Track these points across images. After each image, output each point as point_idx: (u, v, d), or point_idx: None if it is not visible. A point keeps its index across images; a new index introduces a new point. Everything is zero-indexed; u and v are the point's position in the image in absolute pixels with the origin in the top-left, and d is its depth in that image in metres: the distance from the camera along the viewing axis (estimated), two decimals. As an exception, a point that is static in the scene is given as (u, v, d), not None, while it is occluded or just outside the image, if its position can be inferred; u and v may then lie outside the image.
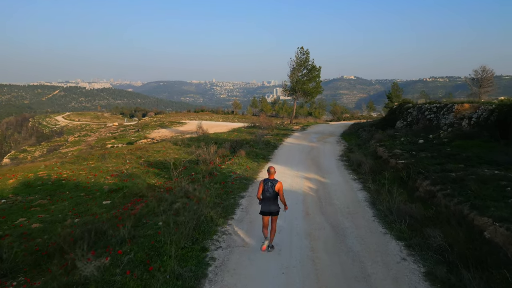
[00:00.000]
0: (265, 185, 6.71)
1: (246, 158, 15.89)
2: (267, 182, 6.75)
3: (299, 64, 38.75)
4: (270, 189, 6.67)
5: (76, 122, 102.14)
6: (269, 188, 6.68)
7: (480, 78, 39.30)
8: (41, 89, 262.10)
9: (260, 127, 35.49)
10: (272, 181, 6.75)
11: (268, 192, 6.68)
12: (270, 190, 6.67)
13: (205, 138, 27.79)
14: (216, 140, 25.48)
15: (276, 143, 22.41)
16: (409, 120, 22.35)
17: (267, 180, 6.79)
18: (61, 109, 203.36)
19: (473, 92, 42.60)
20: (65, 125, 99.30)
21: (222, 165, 14.88)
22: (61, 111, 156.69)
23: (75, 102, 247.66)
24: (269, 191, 6.67)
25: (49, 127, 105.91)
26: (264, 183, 6.76)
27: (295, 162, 15.76)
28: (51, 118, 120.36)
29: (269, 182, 6.74)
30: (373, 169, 12.93)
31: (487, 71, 40.42)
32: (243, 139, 25.04)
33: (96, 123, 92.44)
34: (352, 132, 29.47)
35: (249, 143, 21.69)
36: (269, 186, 6.70)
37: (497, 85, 45.66)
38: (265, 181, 6.79)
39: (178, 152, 21.52)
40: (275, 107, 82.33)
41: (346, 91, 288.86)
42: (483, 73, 39.96)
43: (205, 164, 15.48)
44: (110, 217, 8.83)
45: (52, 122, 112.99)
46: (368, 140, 20.94)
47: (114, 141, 42.67)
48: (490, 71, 40.33)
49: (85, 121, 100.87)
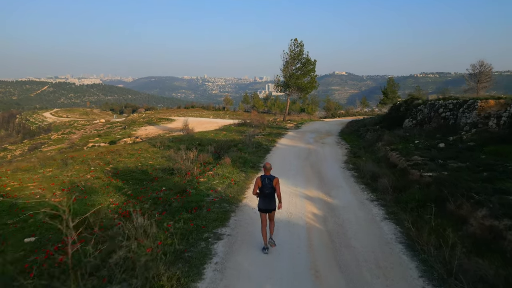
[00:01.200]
0: (263, 181, 6.42)
1: (232, 168, 12.75)
2: (264, 178, 6.44)
3: (293, 57, 35.57)
4: (269, 185, 6.38)
5: (64, 118, 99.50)
6: (268, 184, 6.38)
7: (478, 72, 38.14)
8: (30, 85, 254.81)
9: (251, 125, 32.47)
10: (269, 177, 6.46)
11: (267, 189, 6.39)
12: (269, 186, 6.38)
13: (189, 138, 24.63)
14: (201, 141, 22.35)
15: (268, 145, 19.33)
16: (419, 118, 19.42)
17: (264, 176, 6.49)
18: (50, 105, 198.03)
19: (471, 87, 41.64)
20: (52, 121, 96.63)
21: (202, 176, 11.76)
22: (50, 107, 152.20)
23: (65, 98, 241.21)
24: (267, 187, 6.38)
25: (36, 123, 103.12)
26: (261, 180, 6.45)
27: (292, 172, 12.69)
28: (38, 115, 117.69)
29: (266, 178, 6.43)
30: (394, 184, 9.93)
31: (485, 65, 39.46)
32: (231, 139, 21.94)
33: (84, 119, 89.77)
34: (352, 131, 26.52)
35: (237, 146, 18.59)
36: (267, 182, 6.40)
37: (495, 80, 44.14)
38: (262, 178, 6.48)
39: (155, 156, 18.30)
40: (267, 103, 79.32)
41: (338, 87, 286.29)
42: (481, 68, 39.28)
43: (181, 175, 12.33)
44: (19, 272, 5.67)
45: (40, 118, 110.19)
46: (374, 142, 17.99)
47: (98, 139, 39.67)
48: (488, 66, 39.37)
49: (74, 118, 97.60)
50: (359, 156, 15.62)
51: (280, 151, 17.66)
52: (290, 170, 12.98)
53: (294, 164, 14.29)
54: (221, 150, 16.84)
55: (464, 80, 51.87)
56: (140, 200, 9.88)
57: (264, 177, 6.45)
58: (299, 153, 17.09)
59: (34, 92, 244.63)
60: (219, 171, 12.19)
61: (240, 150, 16.67)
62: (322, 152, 17.22)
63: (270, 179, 6.40)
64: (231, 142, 20.47)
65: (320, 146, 19.60)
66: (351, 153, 16.90)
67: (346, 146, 19.47)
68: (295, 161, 14.98)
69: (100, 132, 48.30)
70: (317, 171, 13.04)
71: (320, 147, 19.22)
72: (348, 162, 14.52)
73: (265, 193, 6.41)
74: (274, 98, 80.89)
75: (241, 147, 17.74)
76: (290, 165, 14.03)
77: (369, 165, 12.62)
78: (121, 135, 40.33)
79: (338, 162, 14.67)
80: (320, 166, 13.94)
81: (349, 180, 11.52)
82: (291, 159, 15.31)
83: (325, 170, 13.16)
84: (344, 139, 22.17)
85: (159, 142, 21.71)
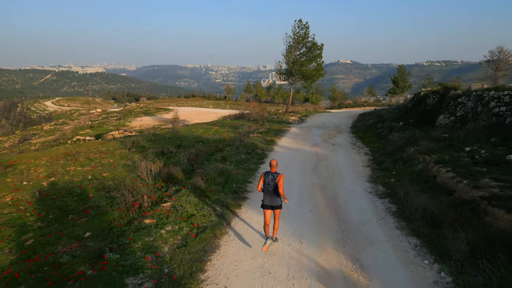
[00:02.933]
0: (266, 178, 6.00)
1: (201, 198, 8.25)
2: (268, 175, 6.01)
3: (297, 41, 30.57)
4: (271, 182, 5.94)
5: (65, 107, 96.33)
6: (270, 181, 5.95)
7: (497, 59, 33.81)
8: (33, 74, 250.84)
9: (249, 117, 27.97)
10: (273, 174, 6.01)
11: (269, 186, 5.96)
12: (271, 184, 5.95)
13: (173, 135, 20.21)
14: (184, 141, 17.93)
15: (264, 148, 14.83)
16: (459, 114, 14.75)
17: (268, 172, 6.06)
18: (53, 93, 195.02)
19: (488, 75, 38.01)
20: (54, 110, 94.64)
21: (152, 212, 7.34)
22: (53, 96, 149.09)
23: (68, 86, 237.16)
24: (270, 184, 5.95)
25: (37, 112, 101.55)
26: (265, 176, 6.03)
27: (293, 201, 8.16)
28: (40, 104, 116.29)
29: (270, 175, 6.00)
30: (472, 241, 5.43)
31: (505, 52, 35.53)
32: (219, 139, 17.47)
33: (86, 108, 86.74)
34: (366, 126, 21.87)
35: (224, 150, 14.11)
36: (270, 179, 5.96)
37: None
38: (266, 174, 6.05)
39: (117, 163, 13.85)
40: (270, 93, 74.85)
41: (342, 75, 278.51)
42: (500, 55, 35.36)
43: (125, 207, 7.88)
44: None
45: (41, 107, 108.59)
46: (403, 146, 13.40)
47: (89, 130, 36.18)
48: (508, 52, 35.36)
49: (75, 107, 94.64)
50: (387, 169, 11.10)
51: (279, 159, 13.12)
52: (291, 194, 8.43)
53: (297, 183, 9.77)
54: (199, 158, 12.35)
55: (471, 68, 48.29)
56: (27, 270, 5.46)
57: (268, 174, 6.02)
58: (303, 161, 12.57)
59: (37, 81, 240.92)
60: (181, 201, 7.73)
61: (225, 158, 12.16)
62: (334, 160, 12.67)
63: (274, 176, 5.95)
64: (219, 144, 16.01)
65: (331, 149, 15.05)
66: (375, 162, 12.36)
67: (365, 149, 14.91)
68: (298, 177, 10.48)
69: (94, 123, 44.51)
70: (331, 197, 8.53)
71: (331, 150, 14.68)
72: (375, 181, 9.95)
73: (267, 190, 5.97)
74: (277, 87, 76.41)
75: (227, 153, 13.23)
76: (290, 184, 9.51)
77: (408, 187, 8.12)
78: (114, 126, 36.95)
79: (360, 180, 10.14)
80: (335, 187, 9.43)
81: (387, 223, 6.95)
82: (293, 173, 10.80)
83: (343, 196, 8.63)
84: (360, 139, 17.58)
85: (131, 142, 17.27)
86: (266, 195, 6.02)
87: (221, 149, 14.03)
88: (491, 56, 34.61)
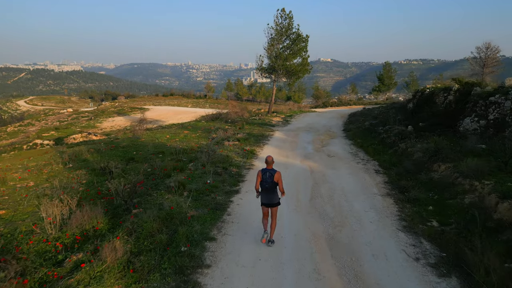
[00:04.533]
0: (263, 176, 5.65)
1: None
2: (265, 172, 5.67)
3: (280, 32, 26.73)
4: (269, 179, 5.60)
5: (39, 107, 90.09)
6: (268, 179, 5.60)
7: (484, 56, 32.03)
8: (6, 72, 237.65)
9: (227, 119, 24.08)
10: (270, 171, 5.66)
11: (267, 183, 5.61)
12: (269, 181, 5.60)
13: (130, 143, 16.06)
14: (140, 151, 13.89)
15: (241, 164, 10.96)
16: (492, 117, 11.28)
17: (265, 170, 5.71)
18: (27, 92, 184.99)
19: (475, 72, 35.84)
20: (26, 110, 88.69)
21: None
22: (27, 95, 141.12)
23: (43, 85, 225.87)
24: (267, 181, 5.61)
25: (9, 112, 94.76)
26: (262, 173, 5.69)
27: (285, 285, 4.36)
28: (12, 103, 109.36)
29: (267, 172, 5.65)
30: None
31: (492, 48, 33.52)
32: (186, 148, 13.51)
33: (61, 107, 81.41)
34: (363, 129, 18.32)
35: (185, 169, 10.15)
36: (267, 176, 5.61)
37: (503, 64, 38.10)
38: (263, 171, 5.71)
39: (38, 188, 9.67)
40: (252, 91, 71.12)
41: (323, 74, 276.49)
42: (487, 51, 33.03)
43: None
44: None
45: (13, 107, 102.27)
46: (426, 162, 9.79)
47: (53, 133, 31.48)
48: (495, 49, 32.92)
49: (49, 106, 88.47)
50: (418, 201, 7.41)
51: None
52: (280, 264, 4.55)
53: (288, 232, 5.97)
54: (148, 183, 8.34)
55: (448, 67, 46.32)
56: None
57: (265, 171, 5.68)
58: (295, 186, 8.74)
59: (11, 79, 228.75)
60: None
61: (182, 185, 8.17)
62: (338, 184, 8.90)
63: (271, 173, 5.62)
64: (182, 156, 12.03)
65: (328, 163, 11.30)
66: (394, 187, 8.62)
67: (372, 164, 11.20)
68: (289, 217, 6.67)
69: (61, 124, 39.78)
70: (353, 273, 4.75)
71: (329, 166, 10.92)
72: (412, 228, 6.14)
73: (265, 187, 5.63)
74: (259, 86, 72.89)
75: (189, 174, 9.26)
76: (280, 230, 5.67)
77: (488, 255, 4.48)
78: (82, 128, 32.32)
79: (387, 226, 6.36)
80: (351, 243, 5.63)
81: None
82: (280, 209, 6.96)
83: (372, 269, 4.83)
84: (361, 147, 13.89)
85: (67, 156, 13.07)
86: (263, 193, 5.72)
87: (181, 168, 10.03)
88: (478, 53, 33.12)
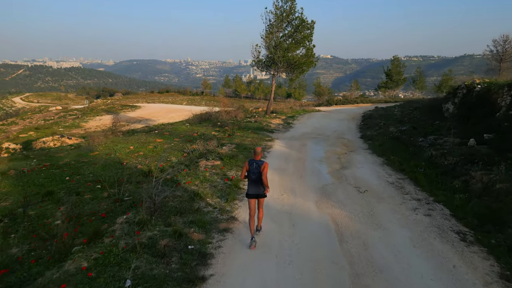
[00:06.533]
0: (250, 166, 5.67)
1: None
2: (252, 163, 5.67)
3: (280, 17, 22.19)
4: (255, 170, 5.59)
5: (34, 104, 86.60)
6: (254, 170, 5.60)
7: (502, 50, 30.39)
8: (4, 68, 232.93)
9: (217, 120, 19.71)
10: (257, 161, 5.66)
11: (254, 174, 5.62)
12: (256, 172, 5.60)
13: (73, 160, 11.67)
14: (75, 176, 9.50)
15: (211, 221, 6.65)
16: None
17: (252, 160, 5.71)
18: (26, 89, 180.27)
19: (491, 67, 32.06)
20: (22, 107, 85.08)
21: None
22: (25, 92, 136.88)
23: (41, 82, 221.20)
24: (254, 172, 5.61)
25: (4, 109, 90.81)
26: (249, 164, 5.71)
27: None
28: (7, 100, 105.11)
29: (254, 162, 5.65)
30: None
31: (511, 41, 30.30)
32: (145, 171, 9.14)
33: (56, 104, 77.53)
34: (389, 137, 13.99)
35: (106, 232, 5.85)
36: (254, 167, 5.61)
37: None
38: (250, 162, 5.72)
39: None
40: (251, 88, 66.98)
41: (323, 70, 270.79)
42: (505, 44, 30.47)
43: None
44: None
45: (9, 104, 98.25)
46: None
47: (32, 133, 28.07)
48: None
49: (45, 103, 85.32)
50: None
51: (246, 277, 4.98)
52: None
53: None
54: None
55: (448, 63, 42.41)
56: None
57: (252, 161, 5.71)
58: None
59: (9, 76, 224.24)
60: None
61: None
62: (402, 276, 4.61)
63: (258, 164, 5.62)
64: (124, 192, 7.64)
65: (365, 210, 7.03)
66: None
67: (438, 210, 6.97)
68: None
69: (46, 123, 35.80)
70: None
71: (367, 218, 6.66)
72: None
73: (251, 178, 5.65)
74: (258, 82, 68.90)
75: (100, 256, 5.17)
76: None
77: None
78: (65, 127, 29.44)
79: None
80: None
81: None
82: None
83: None
84: (401, 170, 9.61)
85: None
86: (250, 184, 5.71)
87: (98, 233, 5.44)
88: (495, 46, 30.90)
